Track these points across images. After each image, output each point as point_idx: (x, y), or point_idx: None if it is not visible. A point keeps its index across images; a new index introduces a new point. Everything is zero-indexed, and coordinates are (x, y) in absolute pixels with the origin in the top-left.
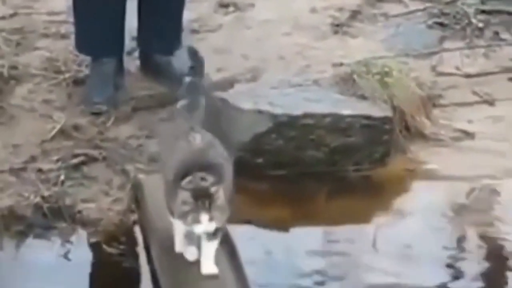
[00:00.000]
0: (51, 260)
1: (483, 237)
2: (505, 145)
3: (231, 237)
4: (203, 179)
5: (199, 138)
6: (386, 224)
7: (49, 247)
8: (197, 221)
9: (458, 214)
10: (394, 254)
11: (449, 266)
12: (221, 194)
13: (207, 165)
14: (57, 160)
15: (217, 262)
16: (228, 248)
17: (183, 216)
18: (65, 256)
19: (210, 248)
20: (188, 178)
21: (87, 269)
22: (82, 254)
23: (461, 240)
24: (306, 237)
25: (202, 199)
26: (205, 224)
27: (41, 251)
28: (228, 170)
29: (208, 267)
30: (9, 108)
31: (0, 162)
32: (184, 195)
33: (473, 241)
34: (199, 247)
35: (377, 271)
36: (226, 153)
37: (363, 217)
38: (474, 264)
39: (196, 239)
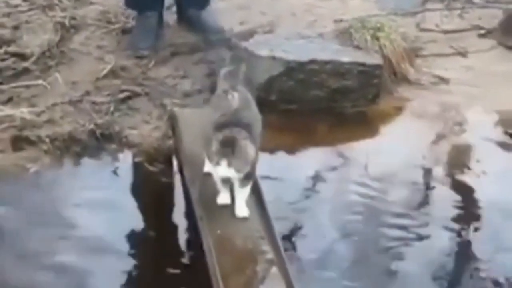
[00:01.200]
0: (103, 175)
1: (453, 165)
2: (474, 89)
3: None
4: (237, 132)
5: (237, 97)
6: (376, 151)
7: (101, 165)
8: (218, 163)
9: (435, 143)
10: (381, 176)
11: (423, 191)
12: (246, 147)
13: (243, 123)
14: (108, 95)
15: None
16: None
17: (209, 156)
18: (114, 172)
19: (242, 194)
20: (226, 130)
21: (131, 182)
22: (127, 171)
23: (435, 167)
24: (309, 161)
25: (227, 146)
26: (223, 168)
27: (94, 168)
28: (259, 127)
29: (241, 210)
30: (69, 51)
31: (61, 95)
32: (216, 139)
33: (444, 168)
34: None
35: (365, 191)
36: (258, 110)
37: (357, 145)
38: (444, 189)
39: (230, 185)
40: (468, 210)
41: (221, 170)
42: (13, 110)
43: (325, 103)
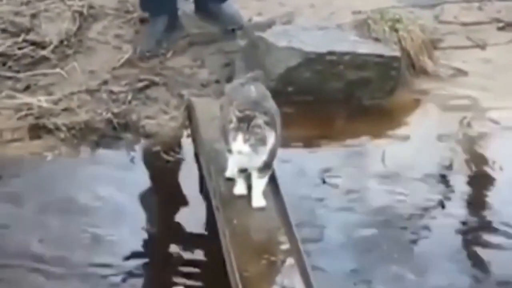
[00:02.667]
0: (119, 164)
1: (471, 158)
2: (492, 82)
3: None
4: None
5: (253, 89)
6: (393, 144)
7: (118, 154)
8: (234, 139)
9: (453, 136)
10: (399, 168)
11: (441, 183)
12: (263, 128)
13: (262, 110)
14: (125, 84)
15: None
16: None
17: (227, 134)
18: (131, 161)
19: (259, 185)
20: (245, 111)
21: (148, 172)
22: (144, 160)
23: (452, 159)
24: (326, 152)
25: (244, 122)
26: (239, 143)
27: (111, 157)
28: (278, 120)
29: (258, 201)
30: (87, 40)
31: (79, 84)
32: (234, 116)
33: (462, 161)
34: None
35: (382, 183)
36: (275, 105)
37: (374, 138)
38: (462, 183)
39: (247, 177)
40: (487, 203)
41: (236, 146)
42: (30, 98)
43: (343, 95)
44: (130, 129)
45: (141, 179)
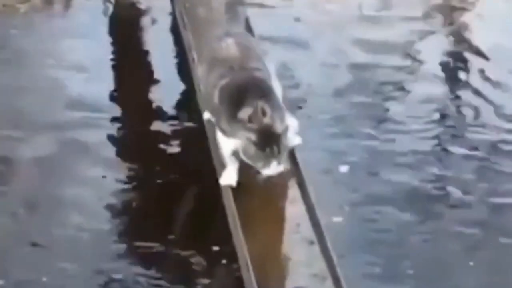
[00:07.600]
0: (93, 16)
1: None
2: None
3: None
4: (264, 113)
5: (232, 43)
6: None
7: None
8: (267, 166)
9: None
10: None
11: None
12: (285, 129)
13: (263, 91)
14: None
15: None
16: None
17: (252, 161)
18: (105, 12)
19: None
20: (247, 110)
21: (123, 24)
22: (118, 10)
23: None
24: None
25: (272, 146)
26: (273, 168)
27: (85, 10)
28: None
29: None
30: None
31: None
32: (252, 137)
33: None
34: None
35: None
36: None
37: None
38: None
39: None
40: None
41: (270, 171)
42: None
43: None
44: None
45: (116, 31)
